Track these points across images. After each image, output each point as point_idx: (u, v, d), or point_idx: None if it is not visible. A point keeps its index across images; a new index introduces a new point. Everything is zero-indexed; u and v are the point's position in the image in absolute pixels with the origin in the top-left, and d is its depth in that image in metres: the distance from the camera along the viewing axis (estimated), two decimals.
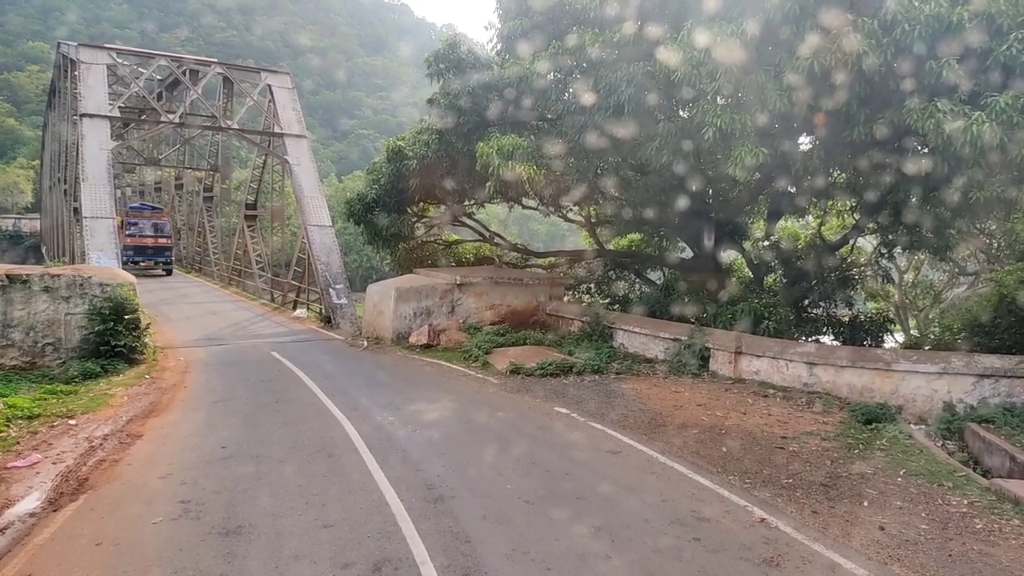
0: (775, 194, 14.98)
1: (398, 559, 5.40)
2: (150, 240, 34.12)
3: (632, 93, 11.59)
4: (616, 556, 5.55)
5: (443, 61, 16.12)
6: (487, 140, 14.14)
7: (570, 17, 13.67)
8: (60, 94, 31.28)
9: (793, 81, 10.18)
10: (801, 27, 10.07)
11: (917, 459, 8.05)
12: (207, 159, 37.42)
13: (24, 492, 6.83)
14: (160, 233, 34.62)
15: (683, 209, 14.83)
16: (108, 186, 20.46)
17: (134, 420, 9.37)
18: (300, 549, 5.56)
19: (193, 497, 6.61)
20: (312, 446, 8.30)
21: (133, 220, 34.19)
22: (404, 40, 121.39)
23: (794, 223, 18.86)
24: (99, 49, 24.47)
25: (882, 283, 18.23)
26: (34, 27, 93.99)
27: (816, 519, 6.44)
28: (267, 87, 25.37)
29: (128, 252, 30.36)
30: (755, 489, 7.17)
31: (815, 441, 8.80)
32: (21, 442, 8.37)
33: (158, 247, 34.49)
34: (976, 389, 9.71)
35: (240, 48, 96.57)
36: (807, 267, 15.34)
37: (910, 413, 10.03)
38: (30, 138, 69.13)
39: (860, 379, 10.65)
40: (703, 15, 10.84)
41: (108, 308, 12.31)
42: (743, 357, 12.15)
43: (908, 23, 9.33)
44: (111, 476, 7.25)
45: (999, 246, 18.04)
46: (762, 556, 5.58)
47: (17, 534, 5.88)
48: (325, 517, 6.18)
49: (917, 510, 6.67)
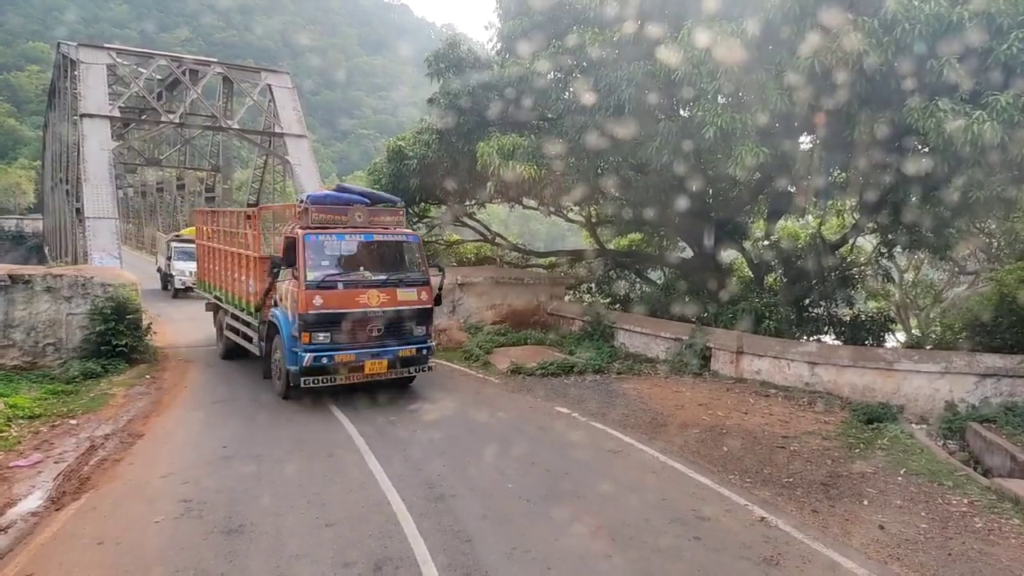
0: (775, 194, 14.97)
1: (399, 558, 5.41)
2: (383, 298, 10.04)
3: (632, 92, 11.59)
4: (617, 555, 5.57)
5: (443, 61, 16.11)
6: (487, 140, 14.14)
7: (570, 16, 13.67)
8: (60, 94, 31.29)
9: (794, 80, 10.19)
10: (801, 26, 10.07)
11: (918, 458, 8.05)
12: (208, 159, 37.43)
13: (27, 491, 6.85)
14: (402, 271, 10.57)
15: (683, 209, 14.81)
16: (110, 186, 20.54)
17: (135, 420, 9.38)
18: (301, 548, 5.58)
19: (195, 496, 6.62)
20: (313, 446, 8.31)
21: (324, 234, 10.06)
22: (404, 40, 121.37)
23: (794, 223, 18.86)
24: (99, 49, 24.51)
25: (883, 282, 18.22)
26: (34, 27, 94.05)
27: (816, 518, 6.45)
28: (267, 87, 25.41)
29: (316, 328, 9.61)
30: (755, 488, 7.18)
31: (816, 440, 8.80)
32: (23, 442, 8.39)
33: (402, 311, 10.23)
34: (978, 388, 9.71)
35: (240, 48, 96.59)
36: (807, 266, 15.33)
37: (912, 413, 10.03)
38: (31, 138, 69.17)
39: (862, 379, 10.65)
40: (703, 14, 10.85)
41: (110, 308, 12.31)
42: (744, 357, 12.15)
43: (908, 22, 9.33)
44: (113, 475, 7.27)
45: (999, 245, 18.02)
46: (762, 555, 5.59)
47: (19, 533, 5.90)
48: (326, 516, 6.20)
49: (917, 509, 6.67)
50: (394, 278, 10.15)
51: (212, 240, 13.98)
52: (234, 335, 12.73)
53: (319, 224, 9.98)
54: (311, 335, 9.47)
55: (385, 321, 9.92)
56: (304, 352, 9.41)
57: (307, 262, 9.55)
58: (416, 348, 10.28)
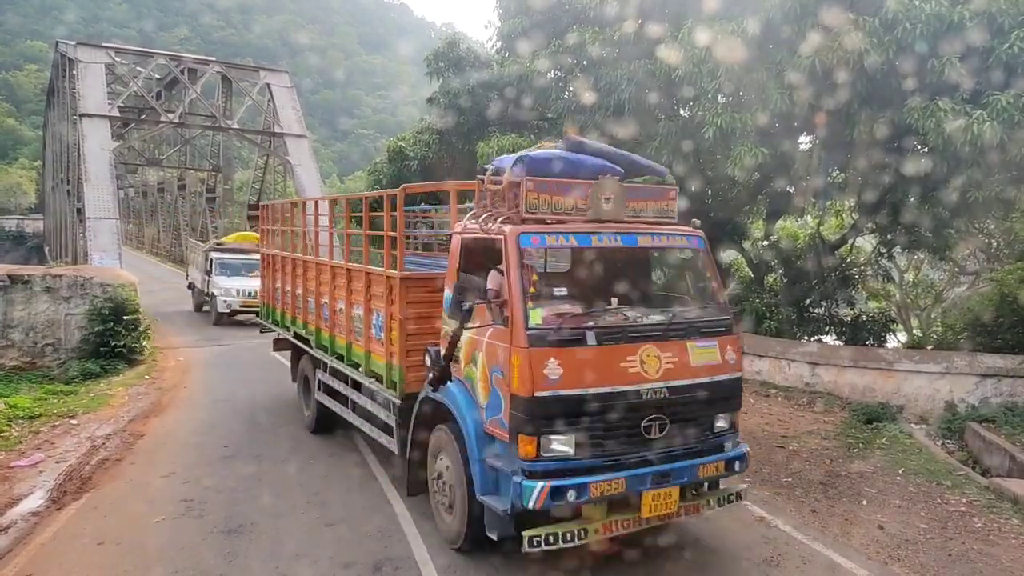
0: (775, 194, 14.97)
1: (399, 559, 5.41)
2: (667, 361, 4.95)
3: (633, 92, 11.59)
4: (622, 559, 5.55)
5: (443, 59, 16.12)
6: (488, 140, 14.14)
7: (570, 15, 13.66)
8: (59, 94, 31.26)
9: (794, 80, 10.18)
10: (802, 25, 10.07)
11: (916, 458, 8.06)
12: (209, 160, 37.41)
13: (28, 491, 6.86)
14: (683, 304, 5.83)
15: (682, 209, 14.80)
16: (111, 186, 20.48)
17: (136, 420, 9.39)
18: (301, 548, 5.58)
19: (195, 496, 6.63)
20: (313, 445, 8.31)
21: (557, 233, 5.16)
22: (404, 39, 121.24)
23: (793, 223, 18.84)
24: (97, 48, 24.50)
25: (883, 283, 18.21)
26: (33, 26, 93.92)
27: (815, 518, 6.45)
28: (266, 86, 25.39)
29: (551, 427, 4.67)
30: (754, 488, 7.17)
31: (815, 440, 8.81)
32: (24, 441, 8.41)
33: (698, 387, 5.08)
34: (978, 389, 9.70)
35: (239, 47, 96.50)
36: (807, 267, 15.33)
37: (911, 413, 10.02)
38: (31, 138, 69.10)
39: (862, 379, 10.65)
40: (704, 13, 10.84)
41: (108, 309, 12.32)
42: (745, 357, 12.11)
43: (909, 22, 9.33)
44: (113, 475, 7.28)
45: (999, 245, 18.00)
46: (762, 556, 5.59)
47: (19, 533, 5.91)
48: (326, 516, 6.20)
49: (916, 509, 6.68)
50: (680, 321, 5.32)
51: (295, 247, 9.35)
52: (335, 401, 8.02)
53: (537, 214, 5.14)
54: (539, 440, 4.65)
55: (672, 409, 4.98)
56: (528, 478, 4.60)
57: (525, 289, 4.83)
58: (725, 461, 5.26)
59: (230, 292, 17.92)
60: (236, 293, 17.80)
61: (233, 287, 17.96)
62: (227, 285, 18.09)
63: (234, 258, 18.48)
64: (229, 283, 18.13)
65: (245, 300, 17.48)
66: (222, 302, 17.99)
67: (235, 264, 18.26)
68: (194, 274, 21.39)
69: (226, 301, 17.90)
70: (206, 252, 19.56)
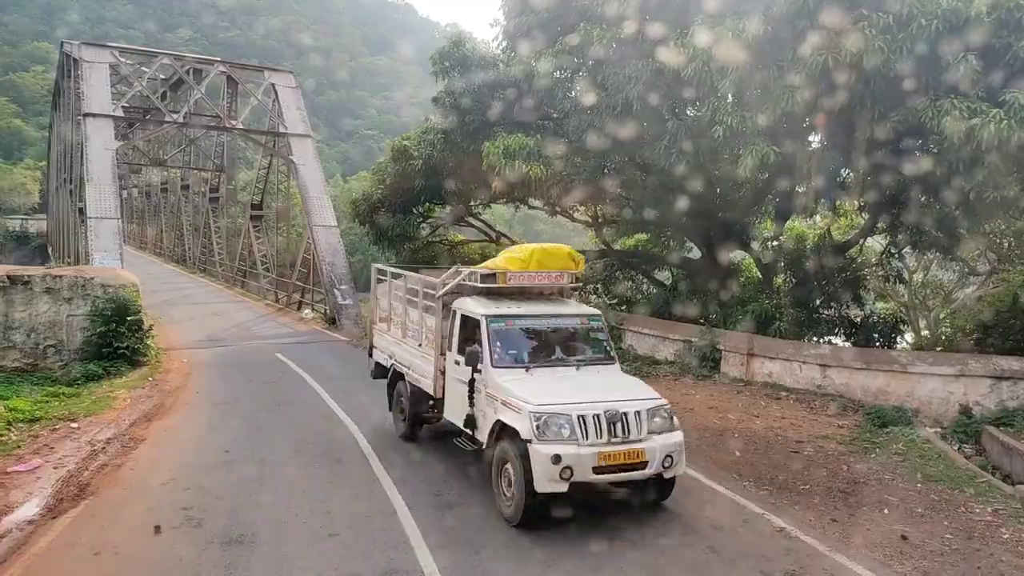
0: (782, 194, 14.77)
1: (405, 569, 5.24)
2: None
3: (639, 91, 11.40)
4: (628, 566, 5.38)
5: (448, 59, 15.95)
6: (493, 140, 13.97)
7: (576, 14, 13.47)
8: (64, 94, 31.15)
9: (804, 78, 9.98)
10: (813, 23, 9.86)
11: (935, 464, 7.85)
12: (212, 160, 37.30)
13: (24, 498, 6.70)
14: None
15: (690, 209, 14.62)
16: (113, 186, 20.29)
17: (137, 423, 9.24)
18: (304, 559, 5.40)
19: (195, 503, 6.46)
20: (316, 449, 8.16)
21: None
22: (408, 39, 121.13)
23: (802, 223, 18.63)
24: (101, 48, 24.37)
25: (893, 283, 17.98)
26: (38, 27, 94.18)
27: (837, 528, 6.23)
28: (271, 86, 25.20)
29: None
30: (772, 496, 6.98)
31: (831, 445, 8.60)
32: (22, 446, 8.26)
33: None
34: (993, 392, 9.48)
35: (243, 48, 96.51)
36: (816, 268, 15.11)
37: (926, 416, 9.81)
38: (36, 139, 69.22)
39: (875, 381, 10.44)
40: (710, 12, 10.65)
41: (110, 309, 12.18)
42: (755, 359, 11.95)
43: (924, 18, 9.12)
44: (113, 481, 7.13)
45: (1009, 245, 17.77)
46: (784, 569, 5.38)
47: (14, 543, 5.74)
48: (330, 525, 6.03)
49: (940, 518, 6.46)
50: None
51: None
52: None
53: None
54: None
55: None
56: None
57: None
58: None
59: (563, 433, 5.95)
60: (580, 434, 5.95)
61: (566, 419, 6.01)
62: (551, 410, 6.06)
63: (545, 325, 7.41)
64: (550, 401, 6.16)
65: (605, 451, 5.95)
66: (546, 468, 5.80)
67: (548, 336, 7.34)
68: (395, 347, 8.95)
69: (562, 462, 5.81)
70: (447, 298, 7.62)
